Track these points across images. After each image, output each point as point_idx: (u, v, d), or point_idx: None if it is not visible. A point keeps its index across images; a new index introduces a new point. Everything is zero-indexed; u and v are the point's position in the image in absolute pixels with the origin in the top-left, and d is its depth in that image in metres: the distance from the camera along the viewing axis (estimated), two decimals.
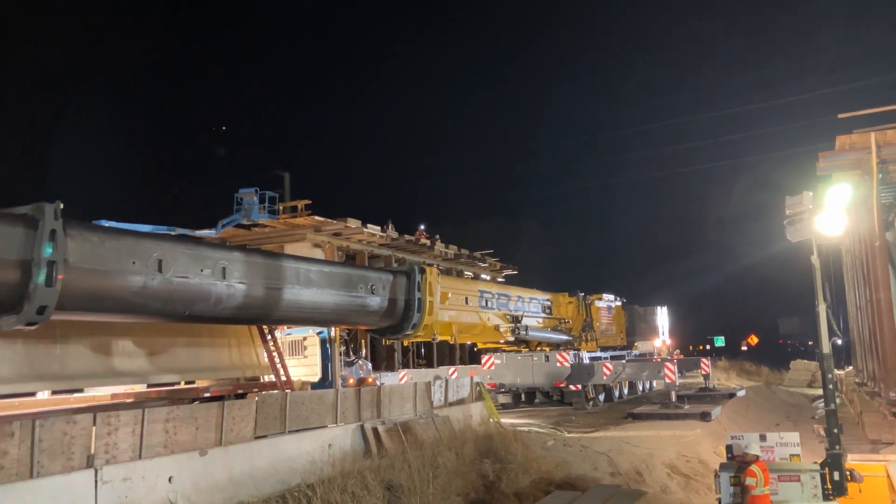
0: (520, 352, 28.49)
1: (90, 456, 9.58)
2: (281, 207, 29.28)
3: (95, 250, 10.54)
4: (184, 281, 11.85)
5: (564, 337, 29.89)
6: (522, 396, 28.89)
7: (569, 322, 30.97)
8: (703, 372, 29.53)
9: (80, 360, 12.89)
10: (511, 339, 26.02)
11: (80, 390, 14.93)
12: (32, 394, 14.00)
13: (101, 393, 15.27)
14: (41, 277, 9.52)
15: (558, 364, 27.15)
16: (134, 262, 11.05)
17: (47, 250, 9.59)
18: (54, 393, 14.61)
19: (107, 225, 24.25)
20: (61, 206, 9.84)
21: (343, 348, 21.38)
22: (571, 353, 28.17)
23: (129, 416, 10.32)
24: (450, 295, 21.02)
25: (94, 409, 11.07)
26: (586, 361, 28.82)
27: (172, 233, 27.67)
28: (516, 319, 25.69)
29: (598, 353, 32.14)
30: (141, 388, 15.61)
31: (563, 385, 27.03)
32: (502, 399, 27.89)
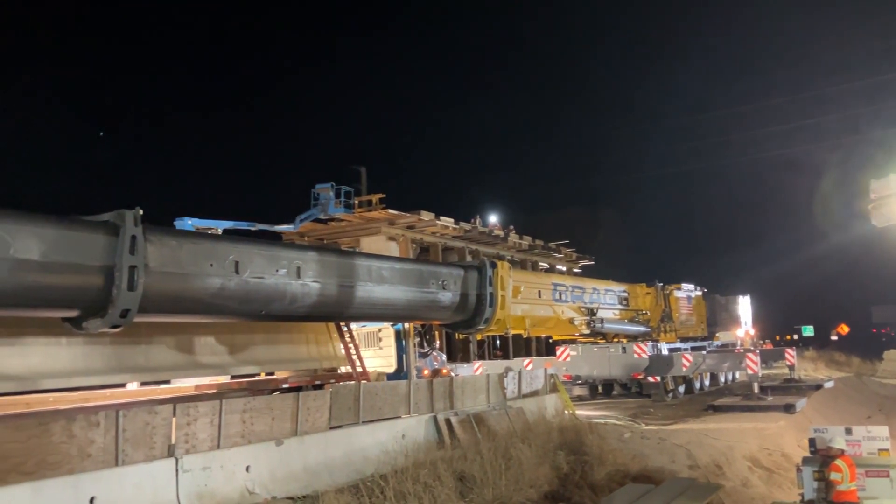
0: (596, 343, 28.13)
1: (171, 445, 9.94)
2: (356, 202, 29.68)
3: (174, 254, 10.87)
4: (260, 281, 12.11)
5: (642, 328, 29.39)
6: (599, 388, 28.52)
7: (646, 313, 30.44)
8: (788, 363, 28.59)
9: (164, 353, 13.36)
10: (586, 332, 25.74)
11: (167, 382, 15.51)
12: (122, 385, 14.63)
13: (185, 384, 15.83)
14: (123, 282, 9.85)
15: (636, 355, 26.72)
16: (211, 265, 11.35)
17: (128, 256, 9.92)
18: (143, 384, 15.22)
19: (189, 222, 25.18)
20: (141, 212, 10.19)
21: (417, 340, 21.54)
22: (649, 344, 27.69)
23: (208, 407, 10.65)
24: (522, 288, 20.92)
25: (176, 401, 11.45)
26: (665, 352, 28.29)
27: (253, 228, 28.45)
28: (591, 312, 25.40)
29: (678, 344, 31.51)
30: (224, 379, 16.09)
31: (641, 377, 26.59)
32: (578, 391, 27.60)
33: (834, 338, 72.45)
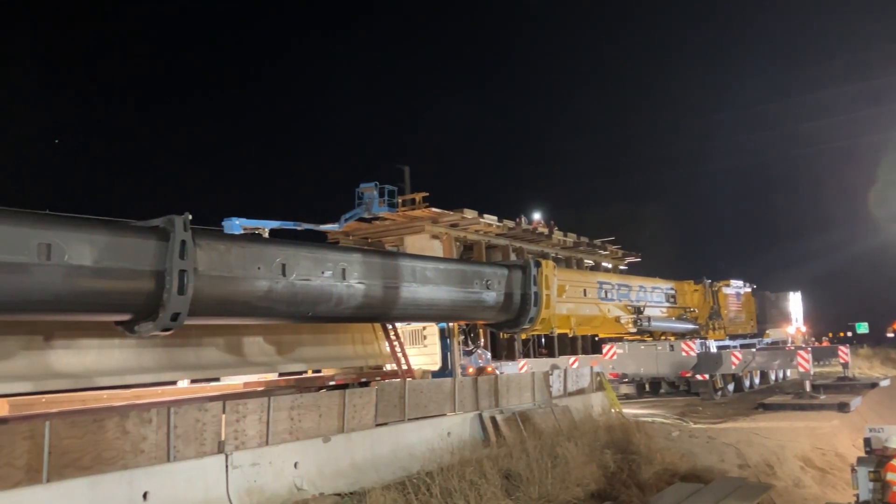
0: (643, 341, 27.83)
1: (221, 442, 10.11)
2: (400, 200, 29.79)
3: (223, 258, 11.03)
4: (306, 283, 12.24)
5: (690, 326, 28.97)
6: (646, 386, 28.24)
7: (694, 310, 29.98)
8: (842, 360, 27.95)
9: (214, 351, 13.57)
10: (633, 330, 25.48)
11: (216, 379, 15.78)
12: (173, 382, 14.93)
13: (234, 381, 16.08)
14: (174, 286, 10.02)
15: (684, 353, 26.40)
16: (259, 268, 11.50)
17: (178, 260, 10.09)
18: (193, 382, 15.51)
19: (237, 222, 25.53)
20: (189, 217, 10.37)
21: (462, 338, 21.56)
22: (698, 341, 27.33)
23: (256, 404, 10.81)
24: (567, 287, 20.77)
25: (225, 398, 11.64)
26: (713, 350, 27.88)
27: (299, 228, 28.75)
28: (638, 310, 25.11)
29: (727, 342, 31.00)
30: (272, 376, 16.30)
31: (689, 375, 26.28)
32: (625, 389, 27.38)
33: (890, 335, 70.39)
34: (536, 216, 35.86)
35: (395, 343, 17.32)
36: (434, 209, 29.15)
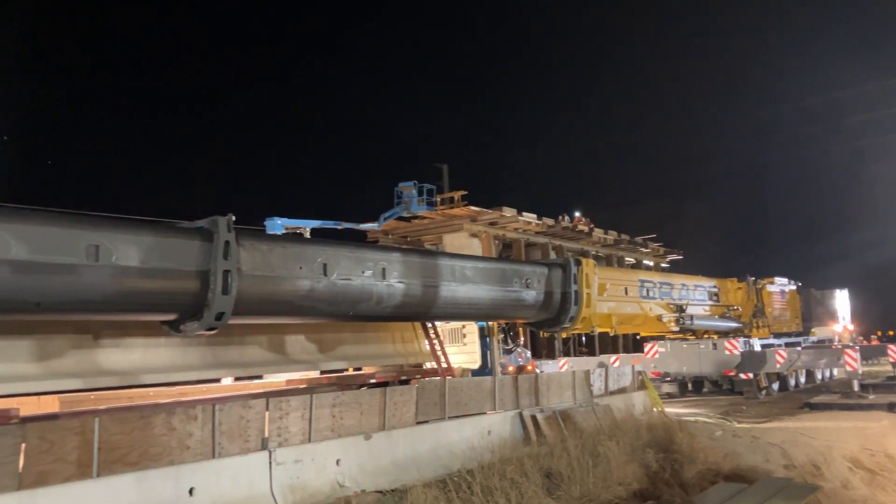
0: (685, 339, 27.56)
1: (264, 438, 10.25)
2: (439, 199, 29.91)
3: (265, 258, 11.16)
4: (347, 283, 12.34)
5: (733, 324, 28.61)
6: (689, 385, 27.96)
7: (738, 308, 29.58)
8: (892, 359, 27.28)
9: (257, 349, 13.75)
10: (675, 329, 25.23)
11: (259, 377, 16.02)
12: (217, 380, 15.18)
13: (277, 379, 16.31)
14: (218, 286, 10.17)
15: (727, 352, 26.08)
16: (300, 267, 11.61)
17: (222, 261, 10.25)
18: (237, 379, 15.76)
19: (279, 222, 25.87)
20: (233, 218, 10.53)
21: (501, 336, 21.54)
22: (741, 340, 26.98)
23: (299, 402, 10.93)
24: (608, 286, 20.62)
25: (268, 395, 11.79)
26: (757, 349, 27.47)
27: (339, 227, 29.04)
28: (680, 308, 24.86)
29: (771, 340, 30.52)
30: (313, 374, 16.49)
31: (732, 374, 25.95)
32: (667, 388, 27.11)
33: None
34: (576, 213, 35.70)
35: (435, 341, 17.38)
36: (473, 207, 29.20)
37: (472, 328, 19.40)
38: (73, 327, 10.71)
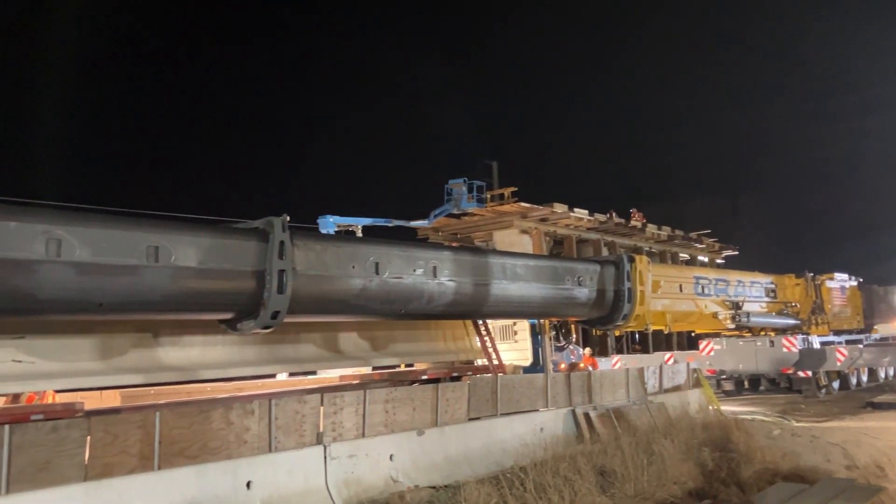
0: (742, 337, 27.08)
1: (319, 433, 10.39)
2: (489, 196, 29.88)
3: (319, 258, 11.30)
4: (399, 281, 12.43)
5: (791, 321, 27.99)
6: (745, 383, 27.47)
7: (796, 305, 28.92)
8: None
9: (311, 345, 13.95)
10: (731, 326, 24.80)
11: (313, 372, 16.24)
12: (273, 375, 15.44)
13: (330, 375, 16.51)
14: (273, 285, 10.32)
15: (785, 349, 25.57)
16: (353, 266, 11.73)
17: (278, 260, 10.41)
18: (291, 375, 16.01)
19: (331, 220, 26.17)
20: (287, 218, 10.69)
21: (553, 333, 21.45)
22: (799, 337, 26.41)
23: (352, 397, 11.06)
24: (662, 283, 20.35)
25: (322, 391, 11.95)
26: (816, 346, 26.83)
27: (390, 224, 29.24)
28: (736, 305, 24.41)
29: (831, 338, 29.76)
30: (365, 370, 16.66)
31: (790, 372, 25.43)
32: (723, 386, 26.69)
33: None
34: (629, 209, 35.32)
35: (486, 338, 17.39)
36: (523, 204, 29.10)
37: (523, 325, 19.35)
38: (134, 326, 11.00)
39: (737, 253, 43.33)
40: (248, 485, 9.24)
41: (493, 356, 17.26)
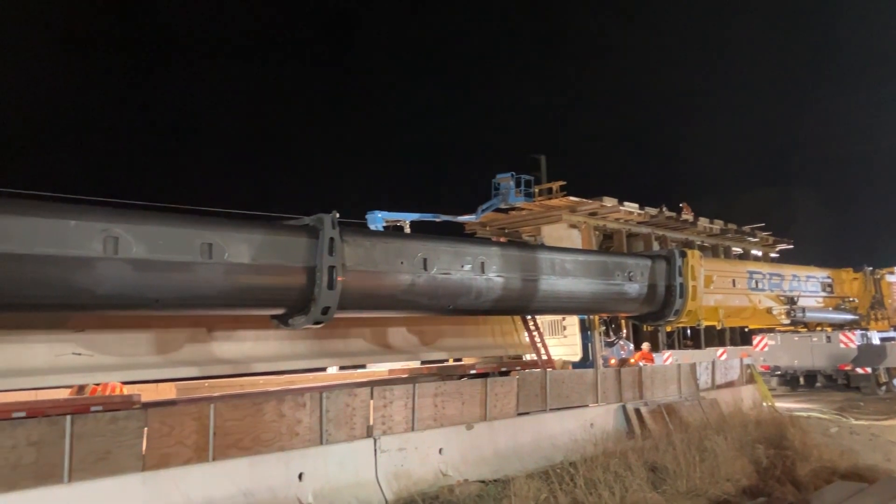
0: (797, 332, 26.49)
1: (369, 426, 10.50)
2: (537, 190, 29.71)
3: (368, 254, 11.38)
4: (447, 277, 12.45)
5: (849, 316, 27.25)
6: (801, 380, 26.88)
7: (854, 300, 28.15)
8: None
9: (360, 339, 14.08)
10: (786, 322, 24.27)
11: (363, 366, 16.39)
12: (323, 369, 15.63)
13: (379, 369, 16.64)
14: (324, 281, 10.43)
15: (842, 345, 24.97)
16: (402, 262, 11.79)
17: (328, 257, 10.52)
18: (341, 368, 16.18)
19: (379, 215, 26.34)
20: (337, 215, 10.80)
21: (603, 329, 21.25)
22: (858, 333, 25.73)
23: (402, 391, 11.14)
24: (714, 278, 20.00)
25: (372, 384, 12.06)
26: (876, 342, 26.12)
27: (437, 219, 29.29)
28: (791, 300, 23.88)
29: (892, 333, 28.91)
30: (414, 364, 16.76)
31: (848, 368, 24.83)
32: (777, 383, 26.17)
33: None
34: (680, 203, 34.76)
35: (535, 333, 17.33)
36: (572, 198, 28.85)
37: (572, 320, 19.23)
38: (188, 321, 11.24)
39: (792, 246, 42.36)
40: (300, 476, 9.39)
41: (542, 351, 17.19)
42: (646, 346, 22.70)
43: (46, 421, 7.96)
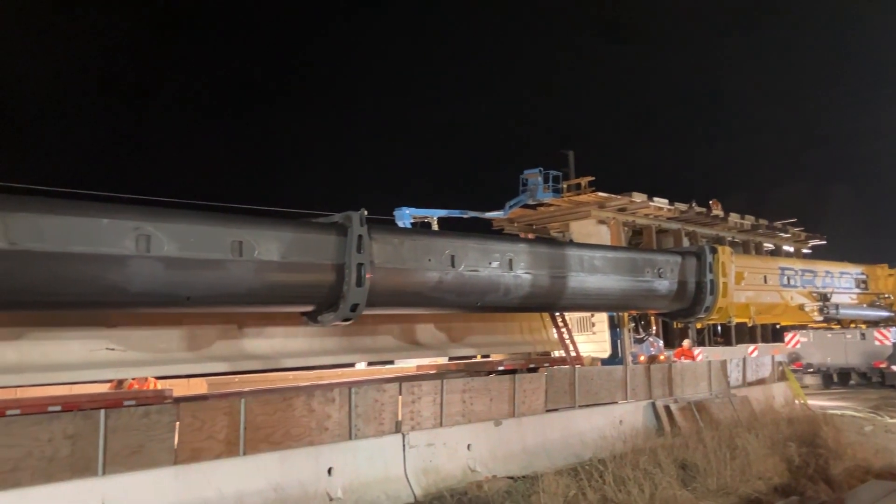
0: (830, 329, 26.11)
1: (398, 422, 10.55)
2: (565, 186, 29.56)
3: (396, 251, 11.42)
4: (475, 274, 12.45)
5: (884, 313, 26.75)
6: (834, 377, 26.49)
7: (889, 297, 27.65)
8: None
9: (388, 335, 14.14)
10: (818, 318, 23.92)
11: (390, 362, 16.46)
12: (351, 364, 15.72)
13: (407, 364, 16.70)
14: (352, 279, 10.50)
15: (877, 342, 24.59)
16: (430, 259, 11.82)
17: (356, 254, 10.57)
18: (369, 364, 16.26)
19: (407, 211, 26.40)
20: (365, 212, 10.86)
21: (632, 325, 21.13)
22: (893, 330, 25.28)
23: (430, 387, 11.17)
24: (746, 274, 19.75)
25: (400, 380, 12.10)
26: None
27: (465, 216, 29.29)
28: (824, 297, 23.52)
29: None
30: (442, 360, 16.79)
31: (883, 365, 24.44)
32: (810, 380, 25.85)
33: None
34: (710, 199, 34.38)
35: (563, 330, 17.27)
36: (600, 193, 28.65)
37: (601, 317, 19.14)
38: (219, 317, 11.36)
39: (825, 242, 41.72)
40: (329, 471, 9.46)
41: (571, 348, 17.13)
42: (686, 342, 22.53)
43: (82, 415, 8.10)
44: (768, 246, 37.75)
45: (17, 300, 8.32)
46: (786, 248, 38.80)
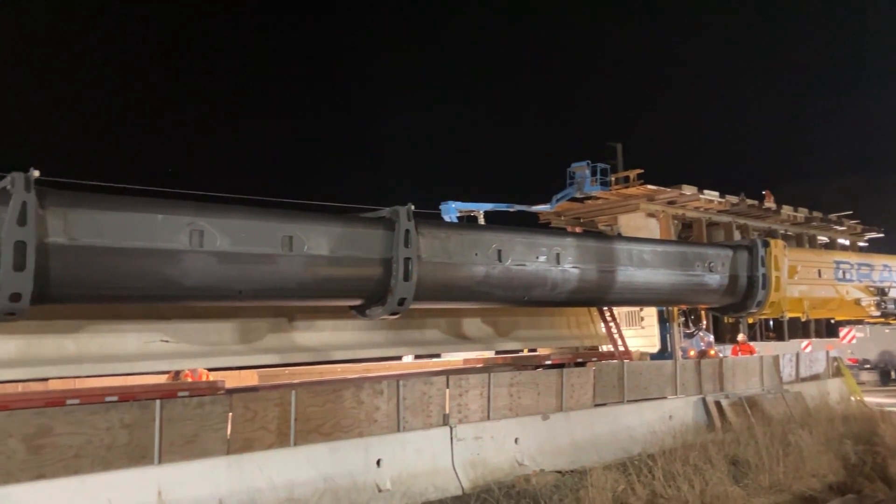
0: (887, 324, 25.42)
1: (445, 415, 10.61)
2: (613, 179, 29.28)
3: (443, 245, 11.49)
4: (521, 268, 12.44)
5: None
6: (892, 374, 25.82)
7: None
8: None
9: (436, 329, 14.21)
10: (875, 314, 23.31)
11: (438, 355, 16.53)
12: (399, 357, 15.83)
13: (454, 358, 16.75)
14: (400, 273, 10.60)
15: None
16: (476, 254, 11.86)
17: (403, 249, 10.66)
18: (417, 357, 16.36)
19: (453, 205, 26.44)
20: (412, 207, 10.93)
21: (682, 319, 20.87)
22: None
23: (477, 380, 11.21)
24: (799, 268, 19.36)
25: (448, 373, 12.16)
26: None
27: (511, 209, 29.22)
28: (882, 292, 22.90)
29: None
30: (488, 354, 16.80)
31: None
32: (866, 376, 25.21)
33: None
34: (761, 191, 33.71)
35: (612, 324, 17.14)
36: (649, 186, 28.29)
37: (650, 311, 18.95)
38: (270, 311, 11.56)
39: (882, 235, 40.58)
40: (378, 462, 9.55)
41: (619, 342, 17.00)
42: (741, 336, 22.16)
43: (138, 405, 8.33)
44: (822, 239, 36.88)
45: (76, 294, 8.60)
46: (841, 241, 37.85)
